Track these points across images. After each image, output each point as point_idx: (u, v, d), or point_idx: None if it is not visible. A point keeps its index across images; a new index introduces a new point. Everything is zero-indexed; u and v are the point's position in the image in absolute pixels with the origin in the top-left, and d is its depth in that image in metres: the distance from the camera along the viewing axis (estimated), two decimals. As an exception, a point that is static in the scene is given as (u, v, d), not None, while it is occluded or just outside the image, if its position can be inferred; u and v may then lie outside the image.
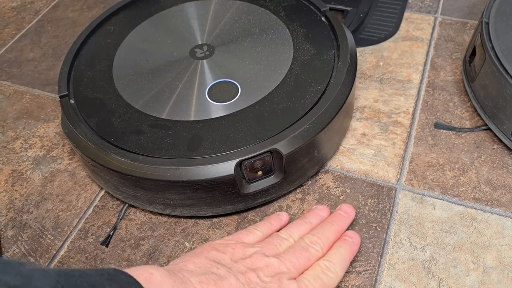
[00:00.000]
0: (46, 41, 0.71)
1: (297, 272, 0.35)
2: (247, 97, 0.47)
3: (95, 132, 0.45)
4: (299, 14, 0.55)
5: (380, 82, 0.58)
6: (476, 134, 0.51)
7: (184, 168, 0.40)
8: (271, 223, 0.40)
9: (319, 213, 0.41)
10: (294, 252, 0.35)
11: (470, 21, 0.65)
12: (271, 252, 0.35)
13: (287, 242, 0.37)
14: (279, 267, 0.34)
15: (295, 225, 0.39)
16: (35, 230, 0.47)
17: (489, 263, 0.41)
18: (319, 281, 0.34)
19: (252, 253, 0.35)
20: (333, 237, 0.37)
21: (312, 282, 0.34)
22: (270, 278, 0.33)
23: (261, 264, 0.34)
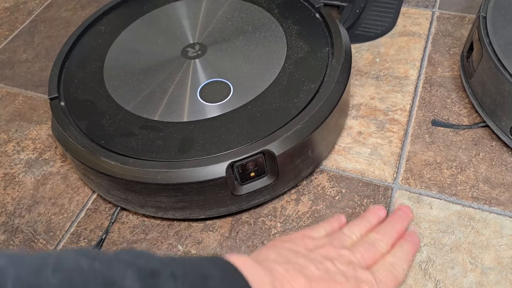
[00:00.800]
0: (39, 41, 0.70)
1: (366, 264, 0.35)
2: (240, 97, 0.46)
3: (85, 135, 0.44)
4: (293, 11, 0.54)
5: (376, 79, 0.57)
6: (474, 131, 0.50)
7: (174, 170, 0.40)
8: (331, 222, 0.40)
9: (378, 212, 0.41)
10: (363, 245, 0.36)
11: (468, 15, 0.63)
12: (339, 245, 0.36)
13: (350, 238, 0.38)
14: (351, 257, 0.35)
15: (356, 224, 0.39)
16: (27, 235, 0.47)
17: (487, 264, 0.40)
18: (390, 274, 0.35)
19: (322, 244, 0.35)
20: (395, 236, 0.38)
21: (384, 274, 0.34)
22: (345, 266, 0.34)
23: (334, 254, 0.35)
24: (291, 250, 0.34)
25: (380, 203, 0.45)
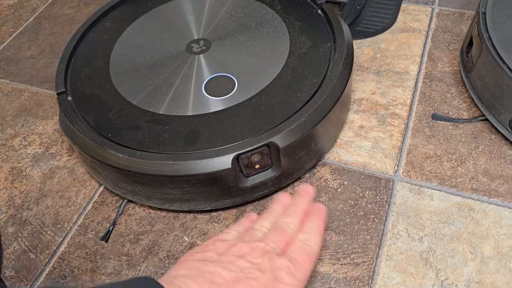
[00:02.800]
0: (43, 38, 0.71)
1: (281, 249, 0.36)
2: (244, 91, 0.47)
3: (92, 129, 0.45)
4: (296, 7, 0.55)
5: (377, 74, 0.58)
6: (473, 124, 0.51)
7: (181, 162, 0.41)
8: (242, 223, 0.40)
9: (281, 199, 0.42)
10: (273, 233, 0.37)
11: (467, 11, 0.64)
12: (251, 239, 0.36)
13: (261, 231, 0.38)
14: (264, 247, 0.35)
15: (263, 217, 0.40)
16: (35, 227, 0.48)
17: (487, 253, 0.41)
18: (304, 252, 0.35)
19: (234, 243, 0.36)
20: (301, 214, 0.39)
21: (298, 254, 0.35)
22: (260, 259, 0.34)
23: (247, 249, 0.35)
24: (202, 260, 0.34)
25: (382, 195, 0.46)
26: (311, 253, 0.35)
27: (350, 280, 0.41)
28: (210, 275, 0.31)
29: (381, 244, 0.43)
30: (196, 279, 0.31)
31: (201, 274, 0.31)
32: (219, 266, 0.32)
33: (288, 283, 0.33)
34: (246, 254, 0.34)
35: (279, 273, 0.33)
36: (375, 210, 0.45)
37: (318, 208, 0.39)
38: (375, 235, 0.44)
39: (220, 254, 0.34)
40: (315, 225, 0.37)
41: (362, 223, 0.44)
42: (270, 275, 0.33)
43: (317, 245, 0.36)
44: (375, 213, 0.45)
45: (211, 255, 0.34)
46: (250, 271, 0.33)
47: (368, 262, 0.42)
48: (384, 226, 0.44)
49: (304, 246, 0.35)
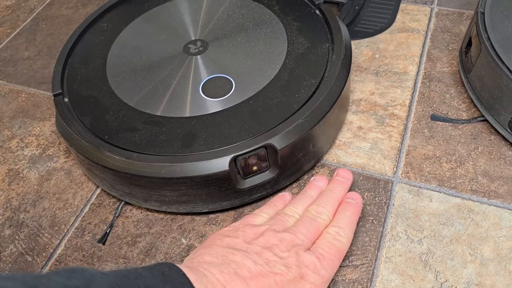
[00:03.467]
0: (41, 39, 0.70)
1: (310, 243, 0.35)
2: (241, 92, 0.46)
3: (89, 130, 0.45)
4: (293, 8, 0.55)
5: (376, 74, 0.58)
6: (473, 125, 0.51)
7: (178, 164, 0.40)
8: (275, 204, 0.40)
9: (318, 184, 0.41)
10: (303, 224, 0.36)
11: (466, 11, 0.64)
12: (281, 228, 0.35)
13: (293, 218, 0.37)
14: (293, 240, 0.34)
15: (297, 201, 0.39)
16: (32, 229, 0.47)
17: (487, 255, 0.41)
18: (333, 247, 0.34)
19: (263, 231, 0.35)
20: (336, 203, 0.38)
21: (327, 250, 0.34)
22: (287, 252, 0.33)
23: (275, 240, 0.34)
24: (228, 246, 0.33)
25: (381, 197, 0.46)
26: (340, 249, 0.35)
27: (349, 282, 0.41)
28: (236, 265, 0.31)
29: (380, 246, 0.43)
30: (221, 268, 0.30)
31: (226, 263, 0.31)
32: (246, 256, 0.32)
33: (312, 281, 0.32)
34: (273, 246, 0.33)
35: (304, 270, 0.32)
36: (374, 212, 0.45)
37: (353, 198, 0.38)
38: (374, 237, 0.43)
39: (247, 243, 0.33)
40: (348, 217, 0.36)
41: (361, 225, 0.44)
42: (295, 272, 0.32)
43: (347, 239, 0.35)
44: (374, 215, 0.45)
45: (239, 242, 0.33)
46: (275, 265, 0.32)
47: (367, 265, 0.42)
48: (383, 228, 0.44)
49: (333, 241, 0.35)
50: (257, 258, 0.32)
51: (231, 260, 0.31)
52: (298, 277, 0.32)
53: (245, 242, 0.34)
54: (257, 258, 0.32)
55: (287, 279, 0.31)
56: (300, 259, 0.33)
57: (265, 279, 0.31)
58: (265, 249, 0.33)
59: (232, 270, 0.30)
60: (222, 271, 0.30)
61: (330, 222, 0.37)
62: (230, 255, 0.32)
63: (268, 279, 0.31)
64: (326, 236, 0.35)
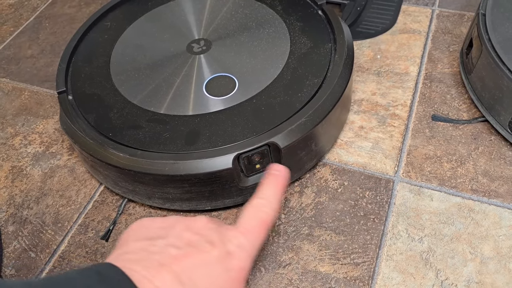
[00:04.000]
0: (44, 37, 0.71)
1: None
2: (245, 91, 0.47)
3: (93, 128, 0.45)
4: (296, 8, 0.55)
5: (377, 75, 0.58)
6: (473, 125, 0.51)
7: (182, 162, 0.41)
8: None
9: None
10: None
11: (467, 13, 0.64)
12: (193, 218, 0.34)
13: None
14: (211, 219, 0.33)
15: None
16: (35, 226, 0.48)
17: (487, 254, 0.41)
18: (256, 219, 0.33)
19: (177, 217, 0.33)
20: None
21: (250, 222, 0.33)
22: (208, 230, 0.32)
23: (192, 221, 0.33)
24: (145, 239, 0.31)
25: (382, 196, 0.46)
26: (264, 219, 0.34)
27: (350, 280, 0.41)
28: (158, 256, 0.29)
29: (381, 244, 0.43)
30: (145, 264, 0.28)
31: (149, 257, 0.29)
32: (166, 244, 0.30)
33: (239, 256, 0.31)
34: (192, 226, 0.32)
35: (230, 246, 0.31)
36: (375, 211, 0.45)
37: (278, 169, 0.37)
38: (375, 235, 0.44)
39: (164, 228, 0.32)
40: (271, 189, 0.35)
41: (362, 223, 0.45)
42: (221, 248, 0.31)
43: (272, 209, 0.34)
44: (375, 214, 0.45)
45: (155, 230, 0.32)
46: (199, 244, 0.31)
47: (368, 262, 0.42)
48: (384, 226, 0.44)
49: (257, 213, 0.34)
50: (178, 242, 0.30)
51: (152, 252, 0.29)
52: (224, 253, 0.31)
53: (161, 228, 0.32)
54: (178, 242, 0.30)
55: (214, 256, 0.30)
56: (222, 234, 0.32)
57: (191, 260, 0.29)
58: (184, 231, 0.31)
59: (155, 262, 0.28)
60: (146, 266, 0.28)
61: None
62: (150, 247, 0.30)
63: (194, 259, 0.30)
64: (249, 209, 0.34)
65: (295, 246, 0.44)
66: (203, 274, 0.29)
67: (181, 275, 0.28)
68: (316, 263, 0.42)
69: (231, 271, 0.30)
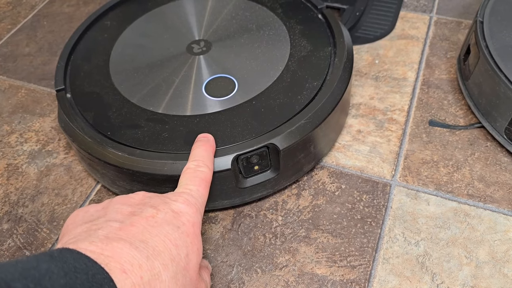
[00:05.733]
0: (41, 35, 0.70)
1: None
2: (244, 93, 0.47)
3: (91, 126, 0.45)
4: (296, 11, 0.55)
5: (375, 79, 0.58)
6: (470, 131, 0.52)
7: (181, 162, 0.40)
8: None
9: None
10: None
11: (464, 20, 0.65)
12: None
13: None
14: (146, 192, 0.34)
15: None
16: (30, 224, 0.47)
17: (482, 258, 0.42)
18: (196, 179, 0.35)
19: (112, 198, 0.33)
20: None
21: (190, 183, 0.34)
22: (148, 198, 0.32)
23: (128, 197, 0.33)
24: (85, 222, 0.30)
25: (379, 199, 0.47)
26: (203, 178, 0.35)
27: (347, 282, 0.41)
28: (102, 231, 0.28)
29: (378, 248, 0.43)
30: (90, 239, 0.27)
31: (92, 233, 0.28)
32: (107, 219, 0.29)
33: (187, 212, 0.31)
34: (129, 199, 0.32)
35: (175, 205, 0.31)
36: (372, 214, 0.46)
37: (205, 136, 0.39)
38: (372, 239, 0.44)
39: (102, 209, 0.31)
40: (203, 150, 0.37)
41: (359, 227, 0.45)
42: (166, 209, 0.31)
43: (208, 168, 0.36)
44: (372, 217, 0.45)
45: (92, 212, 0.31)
46: (142, 211, 0.30)
47: (364, 265, 0.42)
48: (381, 229, 0.44)
49: (194, 173, 0.35)
50: (118, 216, 0.30)
51: (95, 230, 0.28)
52: (170, 213, 0.30)
53: (98, 211, 0.31)
54: (119, 216, 0.30)
55: (161, 218, 0.30)
56: (164, 197, 0.32)
57: (139, 227, 0.29)
58: (122, 205, 0.31)
59: (101, 236, 0.27)
60: (92, 241, 0.27)
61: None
62: (92, 227, 0.29)
63: (142, 226, 0.29)
64: (186, 171, 0.35)
65: (292, 248, 0.44)
66: (154, 235, 0.29)
67: (132, 240, 0.27)
68: (312, 266, 0.42)
69: (182, 227, 0.30)
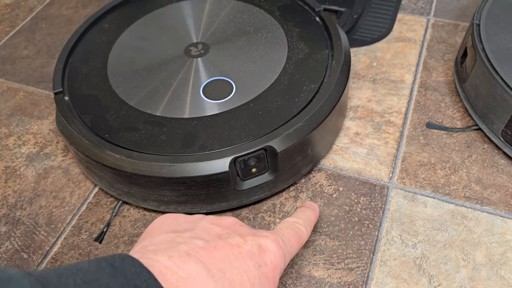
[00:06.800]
0: (40, 38, 0.70)
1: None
2: (242, 95, 0.47)
3: (89, 129, 0.45)
4: (294, 14, 0.55)
5: (373, 82, 0.59)
6: (467, 134, 0.52)
7: (178, 165, 0.41)
8: None
9: None
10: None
11: (461, 23, 0.65)
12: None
13: None
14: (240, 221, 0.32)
15: None
16: (28, 226, 0.47)
17: (479, 260, 0.42)
18: (291, 231, 0.33)
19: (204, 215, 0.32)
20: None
21: (286, 231, 0.32)
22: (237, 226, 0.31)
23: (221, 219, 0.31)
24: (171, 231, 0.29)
25: (377, 202, 0.47)
26: (299, 234, 0.33)
27: (344, 285, 0.41)
28: (185, 246, 0.27)
29: (375, 250, 0.43)
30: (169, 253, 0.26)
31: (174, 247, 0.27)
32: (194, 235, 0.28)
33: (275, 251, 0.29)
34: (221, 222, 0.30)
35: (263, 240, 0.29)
36: (369, 216, 0.46)
37: (311, 205, 0.39)
38: (370, 241, 0.44)
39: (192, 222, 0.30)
40: (306, 215, 0.36)
41: (357, 229, 0.45)
42: (253, 241, 0.29)
43: (306, 230, 0.34)
44: (370, 219, 0.45)
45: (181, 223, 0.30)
46: (229, 237, 0.29)
47: (362, 268, 0.42)
48: (379, 232, 0.44)
49: (292, 226, 0.34)
50: (206, 235, 0.28)
51: (178, 243, 0.27)
52: (256, 248, 0.29)
53: (187, 222, 0.30)
54: (206, 235, 0.28)
55: (246, 250, 0.28)
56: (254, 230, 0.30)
57: (221, 252, 0.27)
58: (212, 225, 0.30)
59: (182, 252, 0.26)
60: (172, 256, 0.26)
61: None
62: (176, 239, 0.28)
63: (225, 252, 0.27)
64: (284, 222, 0.34)
65: (289, 251, 0.44)
66: (233, 267, 0.27)
67: (210, 266, 0.26)
68: (310, 268, 0.42)
69: (263, 267, 0.28)
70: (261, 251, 0.29)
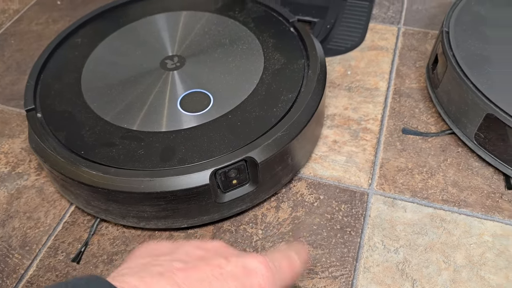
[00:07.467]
0: (9, 55, 0.69)
1: None
2: (220, 107, 0.47)
3: (64, 146, 0.44)
4: (268, 25, 0.56)
5: (348, 90, 0.59)
6: (441, 138, 0.53)
7: (158, 179, 0.40)
8: None
9: None
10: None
11: (431, 31, 0.67)
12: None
13: None
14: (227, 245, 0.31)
15: None
16: (1, 250, 0.45)
17: (459, 262, 0.43)
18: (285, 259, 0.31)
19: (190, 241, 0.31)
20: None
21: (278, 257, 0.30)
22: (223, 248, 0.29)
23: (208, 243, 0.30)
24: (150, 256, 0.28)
25: (357, 208, 0.47)
26: (291, 262, 0.31)
27: (329, 293, 0.41)
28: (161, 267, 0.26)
29: (358, 257, 0.43)
30: (141, 274, 0.25)
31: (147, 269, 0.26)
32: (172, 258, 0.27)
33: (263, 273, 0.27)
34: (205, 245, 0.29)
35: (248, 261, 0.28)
36: (351, 223, 0.46)
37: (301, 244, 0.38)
38: (352, 248, 0.44)
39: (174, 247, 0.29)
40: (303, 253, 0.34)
41: (339, 237, 0.45)
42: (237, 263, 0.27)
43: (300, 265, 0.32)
44: (351, 226, 0.46)
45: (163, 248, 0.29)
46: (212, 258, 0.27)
47: (346, 275, 0.42)
48: (361, 238, 0.45)
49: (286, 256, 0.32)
50: (186, 257, 0.27)
51: (153, 265, 0.26)
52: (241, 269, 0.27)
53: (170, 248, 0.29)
54: (186, 257, 0.27)
55: (228, 271, 0.26)
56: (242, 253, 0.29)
57: (201, 274, 0.26)
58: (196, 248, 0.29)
59: (155, 273, 0.25)
60: (142, 276, 0.25)
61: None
62: (152, 262, 0.27)
63: (204, 273, 0.26)
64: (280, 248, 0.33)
65: (273, 262, 0.43)
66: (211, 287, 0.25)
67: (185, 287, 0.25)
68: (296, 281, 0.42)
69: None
70: (247, 272, 0.27)
